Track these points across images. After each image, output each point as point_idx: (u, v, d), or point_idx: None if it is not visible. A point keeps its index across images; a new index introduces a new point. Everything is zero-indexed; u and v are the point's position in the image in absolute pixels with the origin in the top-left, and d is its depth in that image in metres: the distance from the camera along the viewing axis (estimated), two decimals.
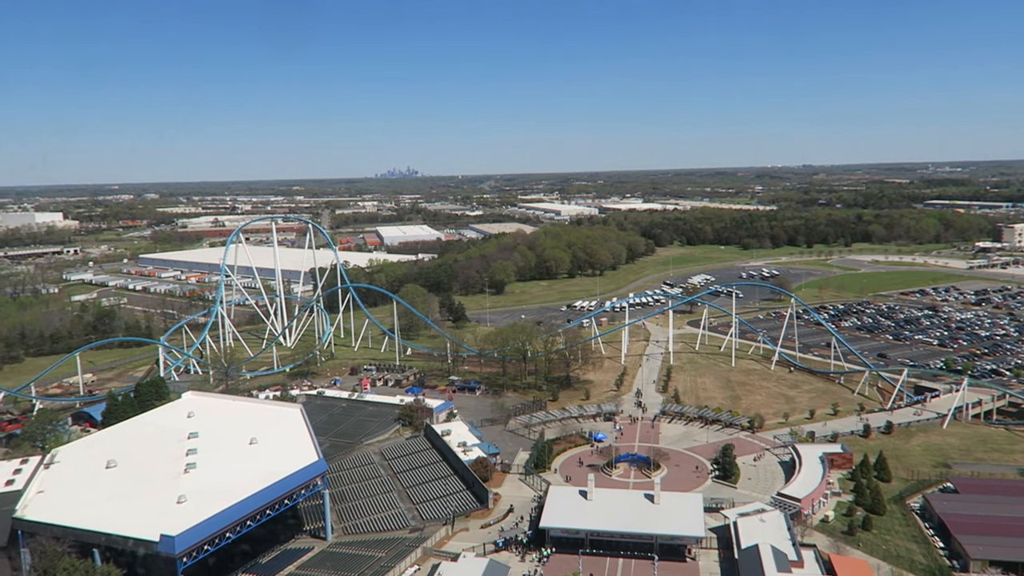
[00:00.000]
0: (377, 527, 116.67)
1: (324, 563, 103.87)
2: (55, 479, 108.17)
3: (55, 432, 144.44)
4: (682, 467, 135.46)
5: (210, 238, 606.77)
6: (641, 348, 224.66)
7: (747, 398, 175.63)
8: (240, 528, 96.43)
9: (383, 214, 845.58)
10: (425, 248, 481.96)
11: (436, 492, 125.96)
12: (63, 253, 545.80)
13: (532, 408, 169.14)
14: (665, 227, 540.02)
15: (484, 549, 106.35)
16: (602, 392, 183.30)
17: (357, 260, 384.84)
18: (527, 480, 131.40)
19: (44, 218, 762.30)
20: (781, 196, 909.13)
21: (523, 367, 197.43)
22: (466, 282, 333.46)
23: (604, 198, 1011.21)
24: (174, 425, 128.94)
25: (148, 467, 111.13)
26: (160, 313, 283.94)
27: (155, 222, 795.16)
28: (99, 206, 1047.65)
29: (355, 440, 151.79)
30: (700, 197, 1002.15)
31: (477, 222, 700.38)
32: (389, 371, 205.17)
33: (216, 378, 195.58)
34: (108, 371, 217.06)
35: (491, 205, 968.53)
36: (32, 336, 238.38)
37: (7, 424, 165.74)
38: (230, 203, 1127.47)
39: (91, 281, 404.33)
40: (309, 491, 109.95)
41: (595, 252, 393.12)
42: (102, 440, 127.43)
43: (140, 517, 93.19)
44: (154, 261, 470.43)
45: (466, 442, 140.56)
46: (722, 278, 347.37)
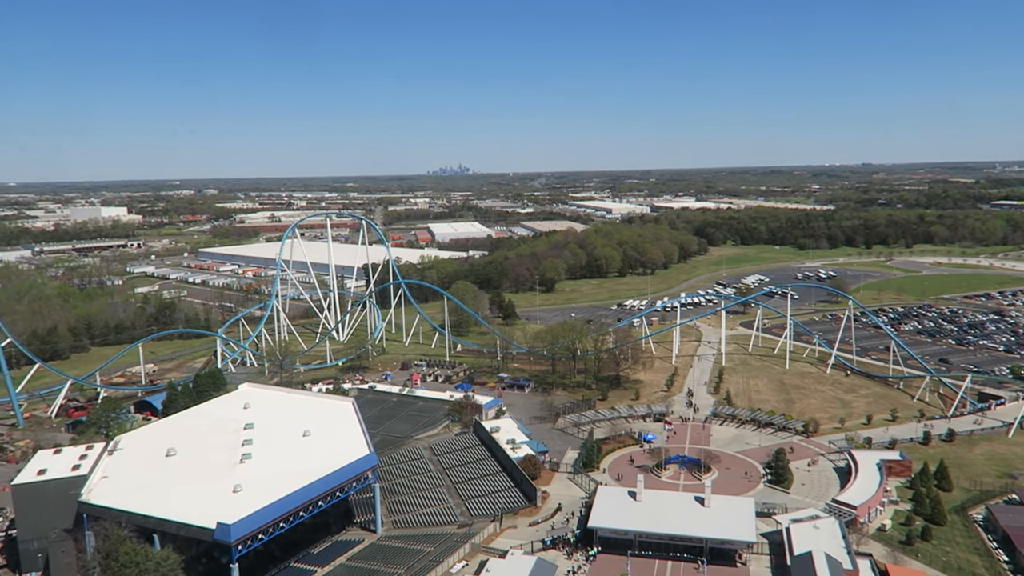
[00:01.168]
0: (426, 521, 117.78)
1: (374, 555, 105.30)
2: (118, 465, 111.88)
3: (118, 420, 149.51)
4: (733, 470, 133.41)
5: (266, 233, 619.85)
6: (692, 349, 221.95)
7: (801, 402, 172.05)
8: (293, 518, 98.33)
9: (434, 211, 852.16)
10: (476, 245, 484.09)
11: (485, 488, 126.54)
12: (127, 246, 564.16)
13: (581, 407, 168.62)
14: (718, 226, 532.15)
15: (532, 547, 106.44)
16: (652, 392, 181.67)
17: (409, 256, 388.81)
18: (575, 479, 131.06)
19: (110, 212, 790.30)
20: (839, 195, 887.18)
21: (573, 365, 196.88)
22: (516, 279, 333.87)
23: (656, 196, 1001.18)
24: (231, 416, 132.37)
25: (206, 456, 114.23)
26: (218, 306, 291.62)
27: (214, 217, 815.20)
28: (161, 201, 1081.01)
29: (405, 435, 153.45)
30: (754, 196, 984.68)
31: (528, 219, 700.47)
32: (439, 367, 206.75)
33: (271, 370, 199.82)
34: (168, 362, 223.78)
35: (542, 203, 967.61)
36: (98, 326, 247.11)
37: (74, 411, 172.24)
38: (286, 199, 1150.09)
39: (153, 274, 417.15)
40: (360, 484, 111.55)
41: (646, 251, 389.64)
42: (162, 429, 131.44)
43: (198, 505, 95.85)
44: (213, 255, 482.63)
45: (515, 439, 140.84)
46: (777, 279, 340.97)
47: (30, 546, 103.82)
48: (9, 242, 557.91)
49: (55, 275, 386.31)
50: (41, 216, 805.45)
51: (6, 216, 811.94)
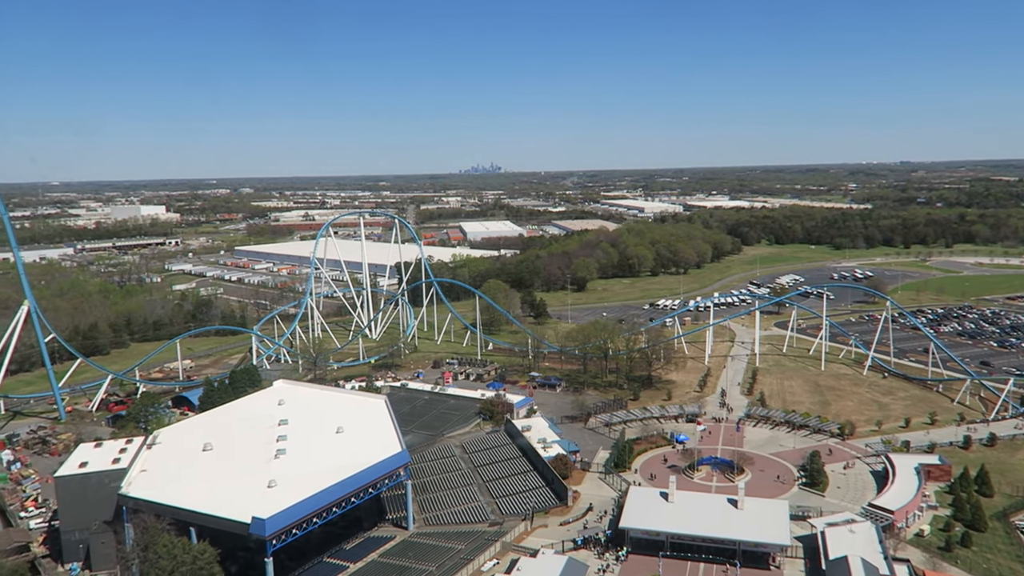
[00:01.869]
0: (457, 519, 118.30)
1: (406, 552, 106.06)
2: (156, 459, 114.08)
3: (157, 414, 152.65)
4: (767, 472, 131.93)
5: (300, 231, 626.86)
6: (725, 349, 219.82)
7: (837, 404, 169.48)
8: (326, 514, 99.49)
9: (466, 210, 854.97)
10: (507, 244, 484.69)
11: (515, 487, 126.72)
12: (165, 244, 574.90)
13: (613, 407, 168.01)
14: (752, 225, 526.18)
15: (563, 547, 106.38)
16: (684, 393, 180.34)
17: (441, 255, 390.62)
18: (607, 479, 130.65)
19: (149, 211, 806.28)
20: (876, 194, 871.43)
21: (604, 365, 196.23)
22: (548, 278, 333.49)
23: (689, 195, 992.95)
24: (265, 412, 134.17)
25: (241, 451, 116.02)
26: (253, 303, 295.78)
27: (250, 216, 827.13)
28: (198, 200, 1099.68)
29: (437, 432, 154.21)
30: (789, 195, 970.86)
31: (559, 218, 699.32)
32: (471, 365, 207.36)
33: (305, 367, 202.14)
34: (205, 358, 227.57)
35: (574, 201, 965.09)
36: (137, 323, 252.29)
37: (114, 405, 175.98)
38: (320, 198, 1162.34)
39: (190, 272, 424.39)
40: (392, 481, 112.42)
41: (679, 250, 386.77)
42: (199, 424, 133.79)
43: (233, 499, 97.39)
44: (248, 253, 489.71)
45: (546, 439, 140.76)
46: (812, 279, 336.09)
47: (72, 537, 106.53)
48: (52, 240, 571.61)
49: (96, 272, 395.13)
50: (83, 215, 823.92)
51: (50, 215, 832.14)
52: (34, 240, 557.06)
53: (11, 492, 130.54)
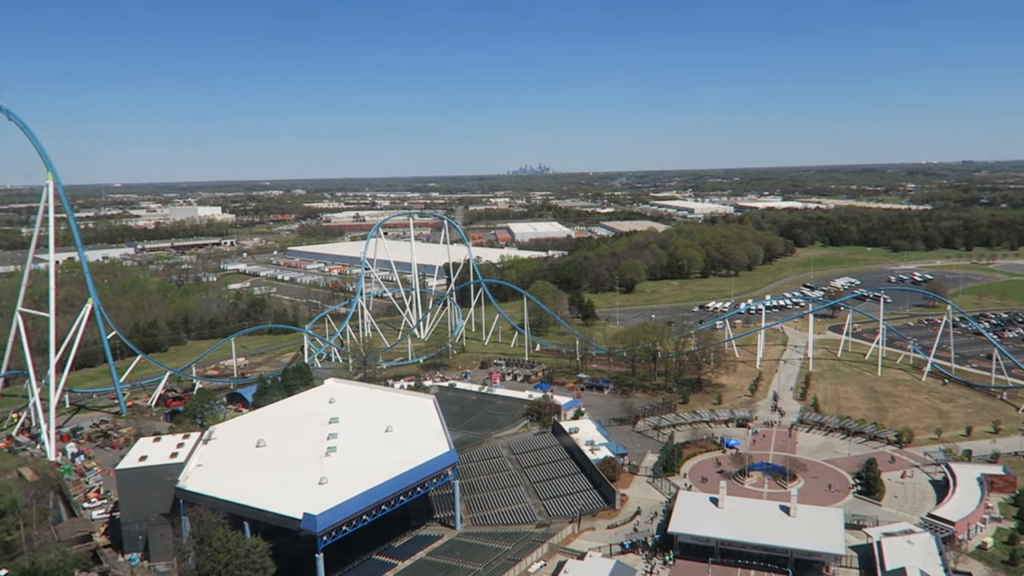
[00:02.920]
0: (504, 520, 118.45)
1: (453, 551, 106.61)
2: (212, 454, 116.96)
3: (212, 411, 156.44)
4: (821, 480, 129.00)
5: (351, 232, 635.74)
6: (778, 353, 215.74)
7: (894, 410, 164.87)
8: (375, 512, 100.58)
9: (514, 211, 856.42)
10: (555, 245, 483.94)
11: (563, 489, 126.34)
12: (221, 244, 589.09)
13: (661, 410, 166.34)
14: (806, 226, 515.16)
15: (610, 550, 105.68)
16: (735, 397, 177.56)
17: (489, 256, 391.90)
18: (655, 483, 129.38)
19: (205, 212, 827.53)
20: (936, 195, 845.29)
21: (653, 368, 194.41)
22: (596, 280, 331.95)
23: (740, 196, 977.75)
24: (317, 409, 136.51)
25: (293, 448, 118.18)
26: (305, 303, 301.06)
27: (302, 216, 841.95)
28: (253, 201, 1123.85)
29: (484, 433, 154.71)
30: (845, 195, 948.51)
31: (608, 219, 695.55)
32: (518, 366, 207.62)
33: (355, 366, 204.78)
34: (259, 356, 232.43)
35: (622, 202, 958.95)
36: (194, 321, 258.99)
37: (171, 401, 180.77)
38: (370, 199, 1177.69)
39: (245, 271, 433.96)
40: (440, 480, 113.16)
41: (730, 252, 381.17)
42: (253, 420, 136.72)
43: (285, 495, 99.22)
44: (300, 253, 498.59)
45: (594, 441, 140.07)
46: (868, 281, 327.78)
47: (132, 528, 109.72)
48: (114, 240, 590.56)
49: (155, 271, 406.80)
50: (143, 215, 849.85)
51: (112, 215, 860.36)
52: (97, 240, 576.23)
53: (75, 483, 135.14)
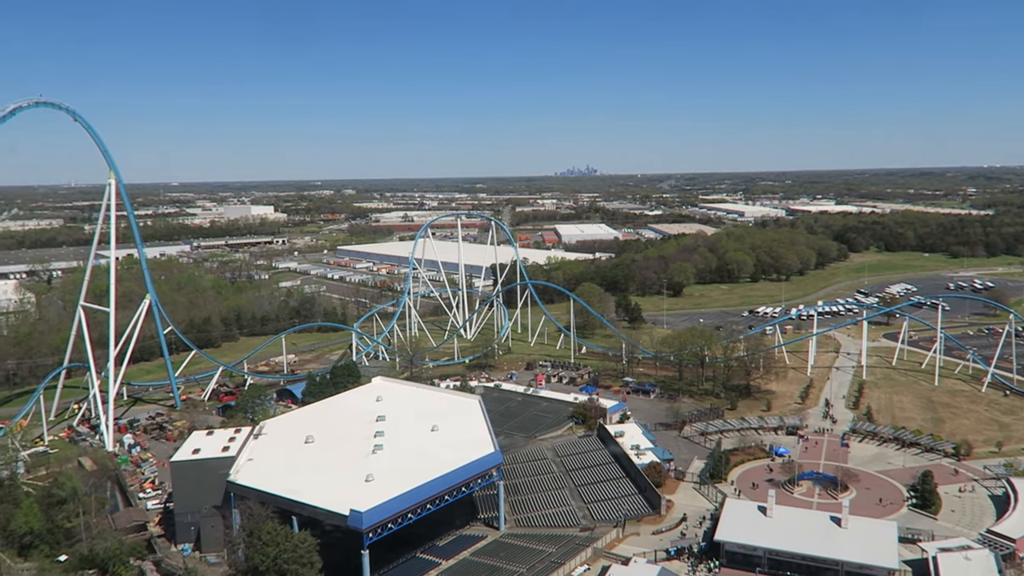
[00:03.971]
0: (548, 522, 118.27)
1: (497, 552, 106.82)
2: (262, 449, 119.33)
3: (263, 406, 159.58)
4: (873, 491, 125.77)
5: (399, 232, 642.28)
6: (830, 360, 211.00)
7: (952, 422, 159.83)
8: (421, 510, 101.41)
9: (561, 212, 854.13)
10: (602, 247, 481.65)
11: (607, 493, 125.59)
12: (273, 243, 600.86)
13: (709, 415, 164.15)
14: (860, 231, 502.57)
15: (655, 556, 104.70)
16: (785, 404, 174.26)
17: (535, 257, 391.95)
18: (702, 489, 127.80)
19: (258, 211, 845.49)
20: (999, 199, 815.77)
21: (700, 373, 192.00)
22: (643, 283, 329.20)
23: (792, 199, 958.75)
24: (364, 407, 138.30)
25: (341, 445, 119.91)
26: (354, 301, 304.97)
27: (352, 216, 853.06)
28: (304, 200, 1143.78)
29: (529, 434, 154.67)
30: (901, 199, 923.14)
31: (656, 222, 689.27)
32: (564, 368, 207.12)
33: (402, 365, 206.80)
34: (308, 353, 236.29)
35: (670, 205, 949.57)
36: (246, 317, 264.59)
37: (224, 396, 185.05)
38: (418, 199, 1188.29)
39: (295, 269, 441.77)
40: (485, 481, 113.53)
41: (781, 256, 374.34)
42: (302, 416, 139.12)
43: (333, 491, 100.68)
44: (350, 253, 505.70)
45: (639, 445, 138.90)
46: (925, 288, 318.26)
47: (184, 519, 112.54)
48: (171, 237, 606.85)
49: (210, 268, 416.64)
50: (199, 214, 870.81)
51: (169, 213, 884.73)
52: (155, 237, 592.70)
53: (131, 474, 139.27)
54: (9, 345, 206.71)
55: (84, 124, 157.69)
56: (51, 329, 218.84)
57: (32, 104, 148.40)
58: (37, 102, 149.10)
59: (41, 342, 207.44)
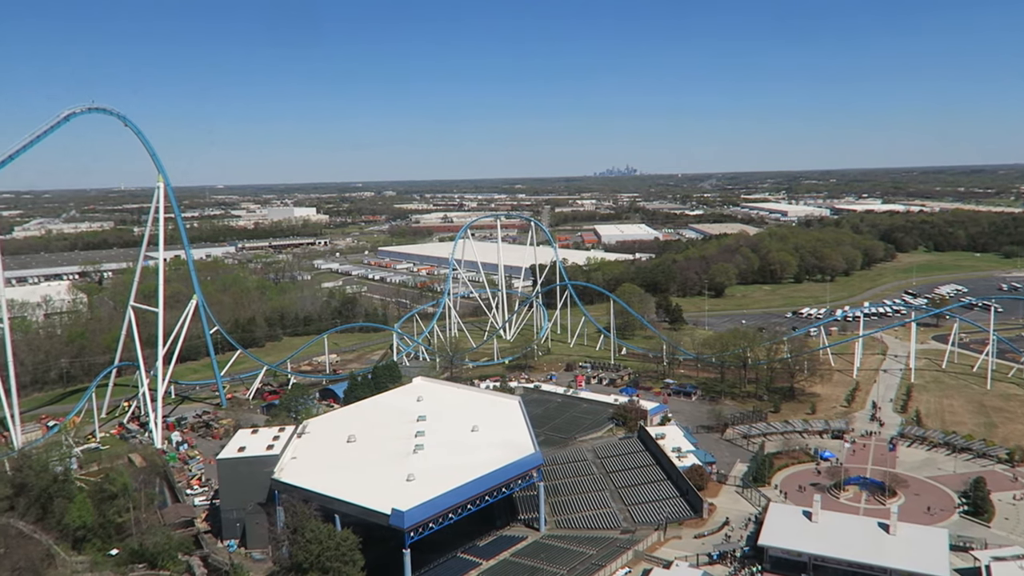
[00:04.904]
0: (588, 524, 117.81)
1: (538, 553, 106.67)
2: (305, 447, 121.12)
3: (306, 405, 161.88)
4: (923, 497, 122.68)
5: (439, 233, 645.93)
6: (876, 362, 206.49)
7: (1006, 427, 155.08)
8: (461, 510, 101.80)
9: (601, 212, 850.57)
10: (643, 247, 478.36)
11: (648, 496, 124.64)
12: (315, 244, 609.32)
13: (751, 418, 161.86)
14: (908, 231, 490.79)
15: (697, 560, 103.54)
16: (830, 407, 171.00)
17: (575, 258, 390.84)
18: (744, 493, 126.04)
19: (301, 212, 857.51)
20: None
21: (743, 375, 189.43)
22: (684, 283, 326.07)
23: (837, 198, 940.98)
24: (405, 407, 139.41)
25: (382, 444, 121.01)
26: (395, 302, 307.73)
27: (392, 217, 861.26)
28: (345, 202, 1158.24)
29: (569, 436, 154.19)
30: (951, 198, 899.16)
31: (697, 222, 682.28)
32: (604, 369, 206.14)
33: (442, 365, 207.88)
34: (350, 353, 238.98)
35: (712, 204, 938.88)
36: (289, 318, 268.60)
37: (268, 395, 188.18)
38: (458, 200, 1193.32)
39: (337, 270, 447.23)
40: (525, 482, 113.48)
41: (825, 256, 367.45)
42: (344, 416, 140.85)
43: (374, 490, 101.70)
44: (390, 253, 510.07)
45: (681, 448, 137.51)
46: (977, 289, 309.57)
47: (230, 515, 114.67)
48: (217, 239, 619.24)
49: (254, 269, 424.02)
50: (243, 215, 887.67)
51: (214, 215, 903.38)
52: (201, 239, 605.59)
53: (179, 470, 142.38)
54: (63, 344, 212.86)
55: (134, 129, 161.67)
56: (102, 329, 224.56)
57: (85, 110, 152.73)
58: (90, 108, 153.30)
59: (93, 341, 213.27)
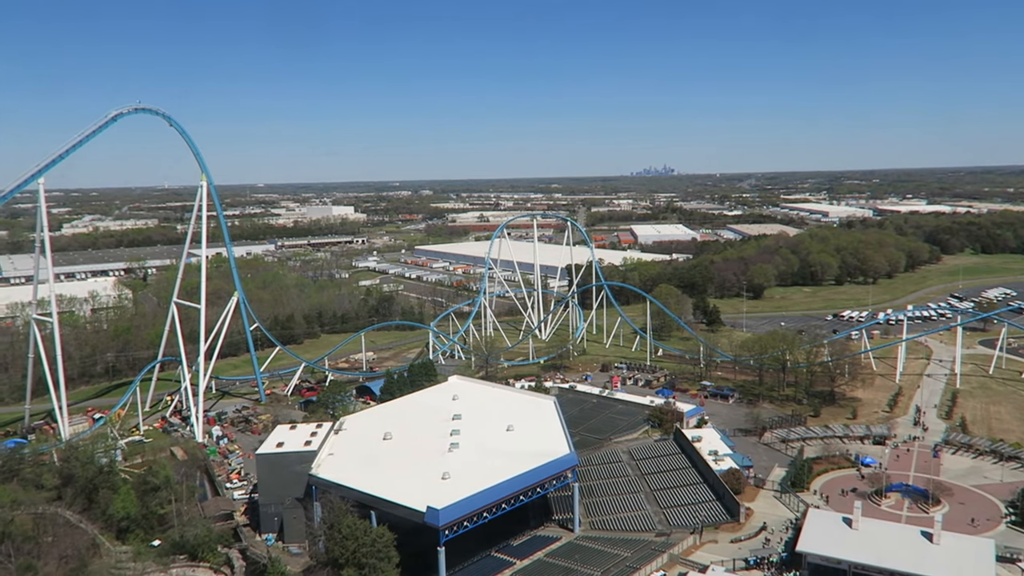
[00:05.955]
0: (623, 526, 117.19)
1: (572, 554, 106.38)
2: (342, 444, 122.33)
3: (343, 402, 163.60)
4: (968, 506, 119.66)
5: (475, 232, 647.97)
6: (920, 367, 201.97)
7: None
8: (496, 510, 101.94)
9: (637, 212, 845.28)
10: (680, 248, 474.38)
11: (684, 499, 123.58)
12: (353, 242, 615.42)
13: (790, 422, 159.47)
14: (954, 232, 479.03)
15: (733, 565, 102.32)
16: (871, 412, 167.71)
17: (611, 258, 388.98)
18: (782, 498, 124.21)
19: (339, 211, 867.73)
20: None
21: (781, 378, 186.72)
22: (722, 284, 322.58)
23: (880, 199, 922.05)
24: (440, 405, 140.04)
25: (418, 442, 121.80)
26: (431, 300, 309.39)
27: (429, 216, 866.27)
28: (383, 201, 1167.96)
29: (604, 437, 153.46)
30: (1000, 199, 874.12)
31: (735, 222, 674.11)
32: (639, 371, 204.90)
33: (477, 364, 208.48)
34: (386, 351, 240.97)
35: (750, 205, 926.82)
36: (327, 315, 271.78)
37: (305, 391, 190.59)
38: (494, 200, 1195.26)
39: (374, 269, 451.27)
40: (560, 482, 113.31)
41: (868, 258, 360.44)
42: (380, 413, 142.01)
43: (410, 487, 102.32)
44: (427, 252, 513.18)
45: (717, 451, 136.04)
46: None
47: (268, 510, 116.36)
48: (257, 237, 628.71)
49: (293, 267, 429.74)
50: (283, 214, 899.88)
51: (255, 213, 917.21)
52: (242, 236, 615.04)
53: (219, 464, 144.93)
54: (108, 339, 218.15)
55: (179, 129, 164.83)
56: (146, 324, 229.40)
57: (131, 111, 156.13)
58: (136, 108, 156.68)
59: (137, 336, 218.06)
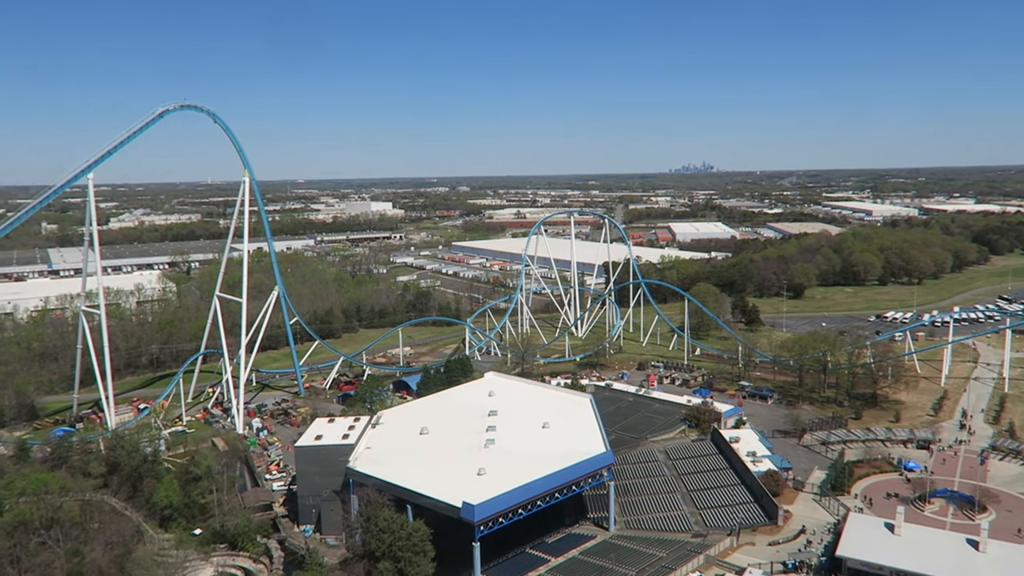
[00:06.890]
0: (658, 526, 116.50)
1: (607, 553, 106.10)
2: (379, 438, 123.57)
3: (380, 396, 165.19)
4: (1016, 514, 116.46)
5: (512, 229, 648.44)
6: (967, 370, 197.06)
7: None
8: (531, 506, 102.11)
9: (676, 210, 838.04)
10: (718, 246, 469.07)
11: (721, 500, 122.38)
12: (391, 238, 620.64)
13: (831, 424, 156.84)
14: (1004, 232, 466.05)
15: (771, 568, 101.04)
16: (915, 416, 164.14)
17: (649, 256, 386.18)
18: (822, 502, 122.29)
19: (378, 207, 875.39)
20: None
21: (822, 379, 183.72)
22: (761, 283, 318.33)
23: (925, 198, 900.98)
24: (477, 401, 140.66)
25: (454, 437, 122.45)
26: (467, 296, 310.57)
27: (466, 213, 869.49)
28: (421, 197, 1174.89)
29: (640, 436, 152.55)
30: None
31: (775, 221, 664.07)
32: (676, 370, 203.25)
33: (513, 361, 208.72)
34: (423, 346, 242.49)
35: (791, 203, 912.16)
36: (365, 310, 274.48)
37: (343, 385, 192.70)
38: (531, 196, 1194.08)
39: (412, 264, 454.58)
40: (595, 481, 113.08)
41: (913, 258, 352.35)
42: (417, 408, 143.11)
43: (446, 482, 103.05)
44: (464, 248, 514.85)
45: (755, 452, 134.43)
46: None
47: (307, 501, 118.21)
48: (297, 232, 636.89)
49: (332, 262, 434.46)
50: (322, 209, 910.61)
51: (295, 209, 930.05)
52: (282, 232, 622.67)
53: (259, 455, 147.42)
54: (153, 331, 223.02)
55: (223, 125, 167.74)
56: (189, 317, 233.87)
57: (178, 107, 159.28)
58: (182, 105, 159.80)
59: (181, 329, 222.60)
